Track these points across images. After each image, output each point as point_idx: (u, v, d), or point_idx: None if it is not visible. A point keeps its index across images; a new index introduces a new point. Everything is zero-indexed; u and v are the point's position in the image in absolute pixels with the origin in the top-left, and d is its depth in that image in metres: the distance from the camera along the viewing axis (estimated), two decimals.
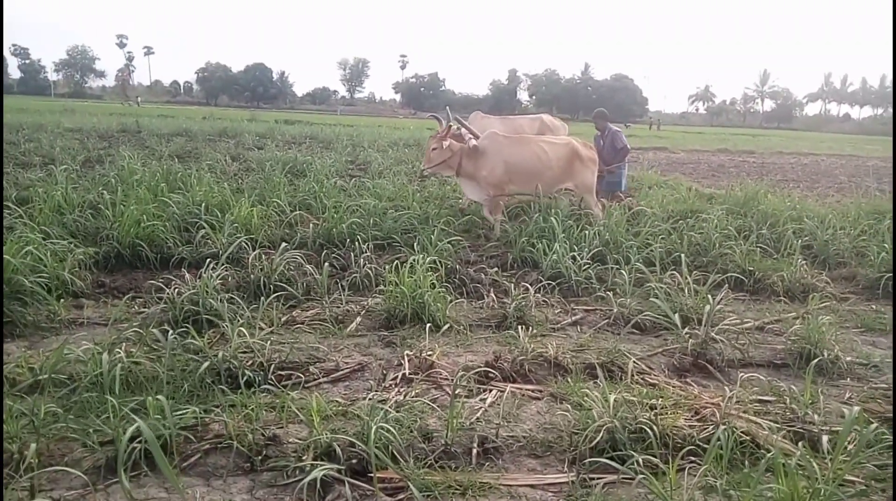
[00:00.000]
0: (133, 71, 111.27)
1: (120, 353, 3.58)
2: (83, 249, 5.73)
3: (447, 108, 8.99)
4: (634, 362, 4.09)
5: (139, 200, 7.05)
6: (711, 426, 3.28)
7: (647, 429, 3.10)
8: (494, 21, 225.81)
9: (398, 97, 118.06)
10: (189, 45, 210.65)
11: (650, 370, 4.12)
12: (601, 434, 3.05)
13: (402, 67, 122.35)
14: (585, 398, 3.44)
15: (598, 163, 8.14)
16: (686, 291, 5.31)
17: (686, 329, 4.56)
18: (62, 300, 4.75)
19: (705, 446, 3.10)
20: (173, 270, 5.74)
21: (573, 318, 5.14)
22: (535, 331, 4.60)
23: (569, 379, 3.92)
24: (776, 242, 7.57)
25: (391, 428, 2.98)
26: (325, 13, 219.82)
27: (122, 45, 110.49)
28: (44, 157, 12.67)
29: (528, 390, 3.79)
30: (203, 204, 7.20)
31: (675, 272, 5.88)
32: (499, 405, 3.55)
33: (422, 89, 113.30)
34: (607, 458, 2.92)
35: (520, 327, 4.56)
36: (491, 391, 3.72)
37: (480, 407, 3.50)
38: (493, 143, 7.72)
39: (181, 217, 6.87)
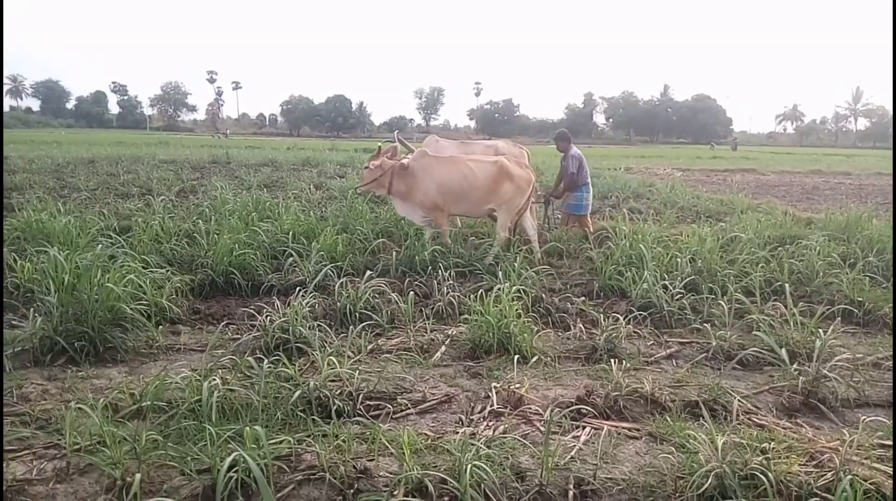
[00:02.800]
0: (222, 105, 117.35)
1: (216, 380, 3.66)
2: (180, 276, 5.97)
3: (396, 132, 9.12)
4: (739, 400, 3.83)
5: (232, 229, 7.32)
6: (830, 474, 3.00)
7: (760, 476, 2.87)
8: (569, 44, 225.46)
9: (472, 124, 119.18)
10: (274, 78, 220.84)
11: (757, 410, 3.85)
12: (710, 480, 2.84)
13: (477, 94, 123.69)
14: (690, 439, 3.23)
15: (531, 184, 7.77)
16: (791, 323, 4.97)
17: (794, 365, 4.25)
18: (160, 327, 4.94)
19: (825, 496, 2.84)
20: (263, 297, 5.89)
21: (668, 351, 4.90)
22: (627, 365, 4.40)
23: (667, 418, 3.71)
24: (885, 270, 7.03)
25: (483, 465, 2.89)
26: (402, 44, 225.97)
27: (212, 81, 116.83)
28: (141, 187, 13.43)
29: (625, 428, 3.61)
30: (290, 232, 7.39)
31: (777, 303, 5.54)
32: (594, 443, 3.39)
33: (496, 115, 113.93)
34: None
35: (611, 360, 4.38)
36: (584, 428, 3.56)
37: (574, 445, 3.34)
38: (423, 165, 7.54)
39: (270, 245, 7.07)
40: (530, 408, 3.80)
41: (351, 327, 4.78)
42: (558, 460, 3.15)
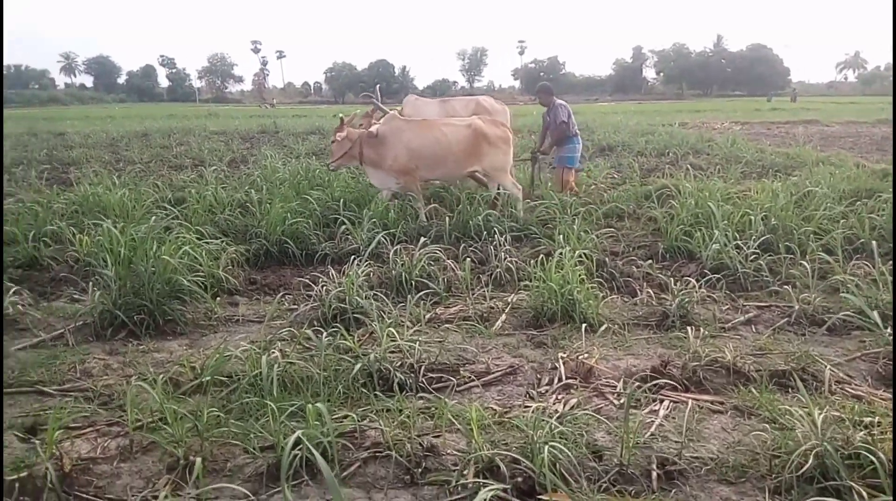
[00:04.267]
0: (267, 75, 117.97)
1: (275, 353, 3.57)
2: (235, 247, 5.92)
3: (377, 87, 8.72)
4: (831, 369, 3.53)
5: (283, 198, 7.24)
6: None
7: (867, 454, 2.60)
8: None
9: (517, 84, 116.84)
10: (317, 46, 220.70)
11: (850, 379, 3.55)
12: (810, 460, 2.59)
13: (521, 53, 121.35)
14: (783, 414, 2.97)
15: (510, 141, 7.41)
16: (880, 283, 4.59)
17: (889, 330, 3.91)
18: (218, 299, 4.89)
19: None
20: (318, 266, 5.80)
21: (745, 316, 4.58)
22: (703, 332, 4.12)
23: (753, 389, 3.44)
24: None
25: (557, 444, 2.71)
26: (444, 5, 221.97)
27: (256, 51, 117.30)
28: (194, 159, 13.55)
29: (706, 401, 3.36)
30: (341, 200, 7.27)
31: (861, 262, 5.14)
32: (675, 418, 3.17)
33: (541, 74, 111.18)
34: (818, 488, 2.48)
35: (686, 327, 4.12)
36: (663, 402, 3.33)
37: (654, 421, 3.13)
38: (392, 129, 7.19)
39: (322, 213, 6.97)
40: (601, 380, 3.59)
41: (408, 296, 4.62)
42: (637, 437, 2.94)
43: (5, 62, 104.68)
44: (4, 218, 6.53)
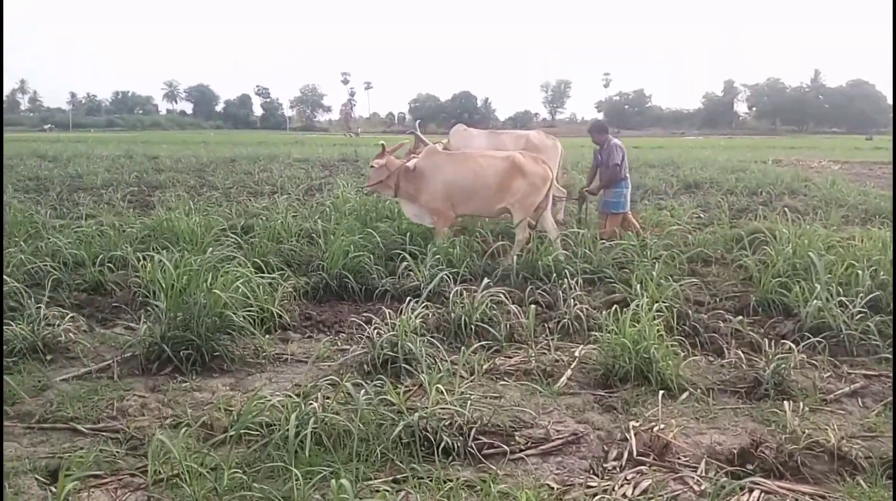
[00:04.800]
0: (354, 105, 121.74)
1: (314, 404, 3.30)
2: (294, 279, 5.78)
3: (417, 122, 8.33)
4: None
5: (349, 229, 7.09)
6: None
7: None
8: (707, 28, 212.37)
9: (600, 116, 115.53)
10: (403, 78, 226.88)
11: None
12: None
13: (606, 86, 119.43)
14: None
15: (549, 181, 6.87)
16: None
17: None
18: (268, 336, 4.70)
19: None
20: (377, 302, 5.55)
21: (851, 387, 3.97)
22: (802, 405, 3.55)
23: (861, 482, 2.88)
24: None
25: None
26: (529, 38, 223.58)
27: (345, 82, 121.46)
28: (273, 186, 13.76)
29: (807, 494, 2.82)
30: (408, 233, 7.04)
31: None
32: None
33: (626, 107, 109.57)
34: None
35: (782, 398, 3.57)
36: (752, 492, 2.82)
37: None
38: (431, 162, 6.80)
39: (386, 246, 6.76)
40: (679, 459, 3.11)
41: (462, 346, 4.28)
42: None
43: (115, 89, 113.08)
44: (81, 240, 6.68)
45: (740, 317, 4.97)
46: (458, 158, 7.26)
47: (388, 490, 2.68)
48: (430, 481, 2.81)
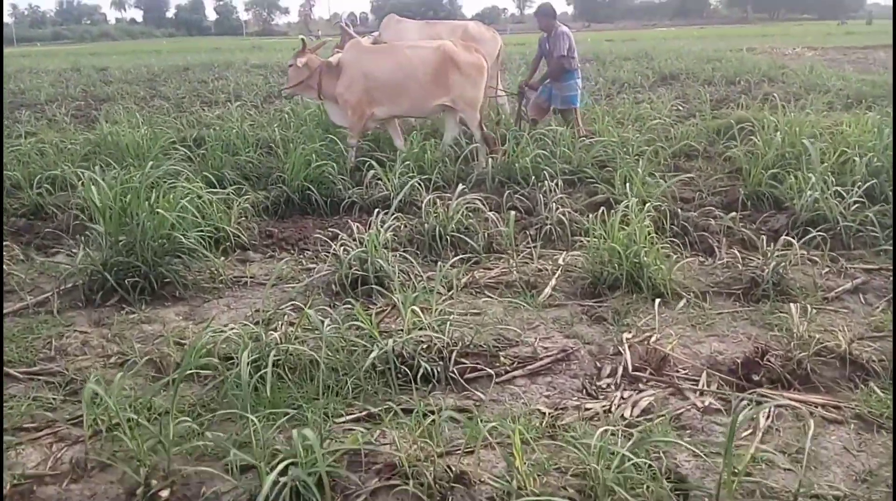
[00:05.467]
0: (314, 5, 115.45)
1: (274, 334, 2.95)
2: (252, 194, 5.32)
3: (347, 15, 7.61)
4: None
5: (310, 137, 6.55)
6: None
7: None
8: None
9: (570, 9, 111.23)
10: None
11: None
12: None
13: None
14: None
15: (484, 71, 6.25)
16: None
17: None
18: (225, 258, 4.29)
19: None
20: (344, 215, 5.15)
21: (853, 282, 3.74)
22: (806, 306, 3.31)
23: (875, 388, 2.67)
24: None
25: (629, 473, 2.03)
26: None
27: None
28: (229, 94, 12.87)
29: (817, 403, 2.61)
30: (375, 139, 6.53)
31: None
32: (780, 431, 2.43)
33: None
34: None
35: (782, 297, 3.33)
36: (759, 403, 2.58)
37: (753, 435, 2.39)
38: (352, 56, 6.18)
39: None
40: (679, 372, 2.86)
41: (440, 258, 3.94)
42: (735, 460, 2.22)
43: None
44: (18, 160, 6.07)
45: (733, 213, 4.67)
46: (383, 49, 6.54)
47: (361, 430, 2.38)
48: (409, 415, 2.53)
